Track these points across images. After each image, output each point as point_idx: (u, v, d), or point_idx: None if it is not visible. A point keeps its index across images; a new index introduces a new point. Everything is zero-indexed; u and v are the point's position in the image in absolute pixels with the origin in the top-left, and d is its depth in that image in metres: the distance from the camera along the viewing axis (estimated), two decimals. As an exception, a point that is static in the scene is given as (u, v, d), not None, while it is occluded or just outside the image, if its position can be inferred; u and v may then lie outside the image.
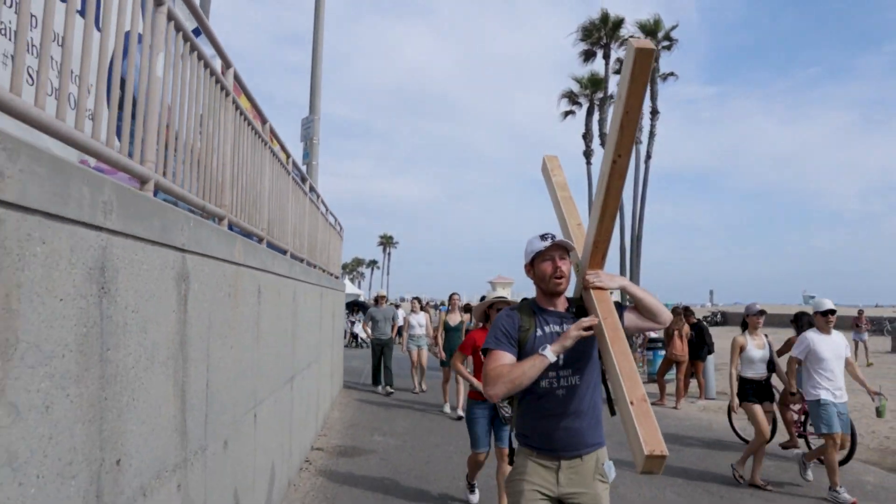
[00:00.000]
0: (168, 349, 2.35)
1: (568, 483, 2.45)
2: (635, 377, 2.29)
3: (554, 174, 3.07)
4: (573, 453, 2.46)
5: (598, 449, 2.52)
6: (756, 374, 5.91)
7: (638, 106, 2.13)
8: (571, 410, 2.46)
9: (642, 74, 2.06)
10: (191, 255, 2.58)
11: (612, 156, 2.28)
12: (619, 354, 2.33)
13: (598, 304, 2.47)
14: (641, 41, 2.03)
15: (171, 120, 2.55)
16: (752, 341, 5.95)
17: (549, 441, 2.47)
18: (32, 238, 1.46)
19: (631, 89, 2.08)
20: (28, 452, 1.46)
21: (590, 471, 2.47)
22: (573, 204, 2.99)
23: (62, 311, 1.60)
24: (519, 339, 2.47)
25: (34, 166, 1.44)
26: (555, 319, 2.52)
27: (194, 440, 2.70)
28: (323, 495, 5.24)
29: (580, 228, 2.84)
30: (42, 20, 1.64)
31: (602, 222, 2.42)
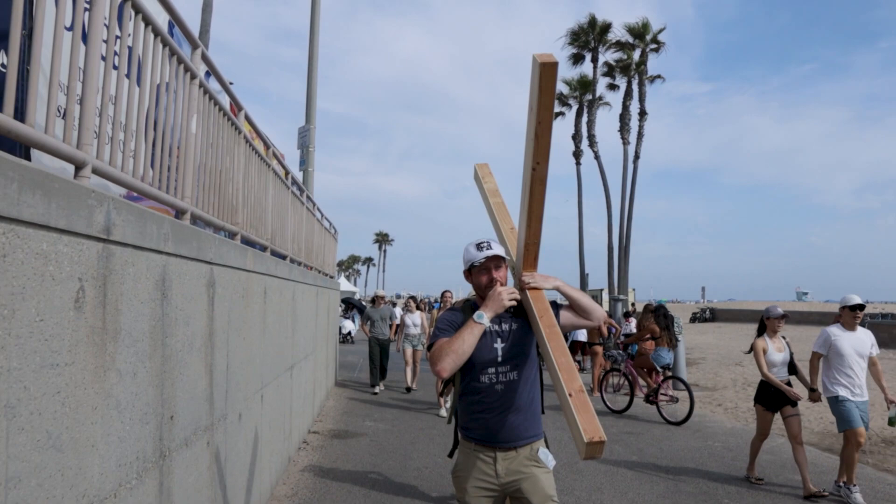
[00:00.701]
0: (201, 338, 3.12)
1: (506, 473, 2.57)
2: (573, 371, 2.39)
3: (485, 181, 3.15)
4: (509, 445, 2.58)
5: (534, 441, 2.63)
6: (777, 376, 5.81)
7: (549, 115, 2.20)
8: (510, 405, 2.57)
9: (549, 87, 2.12)
10: (216, 266, 3.35)
11: (531, 163, 2.34)
12: (555, 350, 2.44)
13: (534, 303, 2.61)
14: (545, 55, 2.09)
15: (201, 162, 3.32)
16: (771, 344, 5.86)
17: (488, 433, 2.58)
18: (127, 263, 2.22)
19: (540, 101, 2.14)
20: (126, 402, 2.23)
21: (523, 458, 2.59)
22: (505, 209, 3.08)
23: (141, 310, 2.36)
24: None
25: (128, 216, 2.21)
26: (494, 319, 2.62)
27: (218, 410, 3.47)
28: (319, 469, 6.02)
29: (513, 232, 2.91)
30: (122, 103, 2.40)
31: (530, 227, 2.51)
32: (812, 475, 5.94)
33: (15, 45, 1.69)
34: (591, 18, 29.56)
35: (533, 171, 2.35)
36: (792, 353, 5.95)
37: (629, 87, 31.42)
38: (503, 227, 2.97)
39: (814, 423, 8.78)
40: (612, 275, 29.30)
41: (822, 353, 5.59)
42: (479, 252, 2.61)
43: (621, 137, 31.13)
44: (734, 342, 25.39)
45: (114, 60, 2.29)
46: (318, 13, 12.90)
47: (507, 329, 2.65)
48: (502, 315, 2.63)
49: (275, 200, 5.60)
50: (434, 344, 2.54)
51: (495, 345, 2.61)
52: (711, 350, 21.52)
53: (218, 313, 3.41)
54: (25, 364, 1.61)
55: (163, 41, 2.70)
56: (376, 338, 11.30)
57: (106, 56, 2.22)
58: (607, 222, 30.17)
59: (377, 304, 11.79)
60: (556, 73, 2.12)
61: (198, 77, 3.17)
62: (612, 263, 29.60)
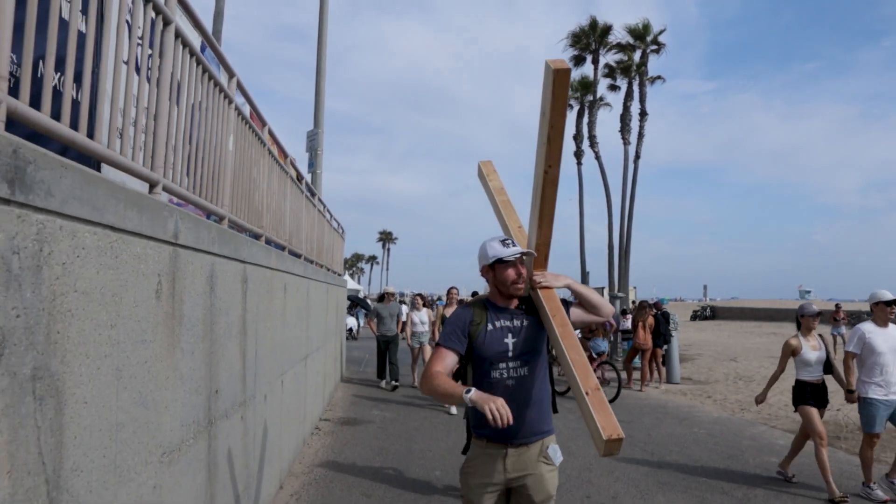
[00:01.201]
0: (237, 326, 3.64)
1: (513, 468, 2.58)
2: (587, 369, 2.40)
3: (490, 179, 3.15)
4: (520, 441, 2.59)
5: (545, 437, 2.65)
6: (812, 376, 5.63)
7: (561, 120, 2.24)
8: (520, 400, 2.57)
9: (561, 92, 2.16)
10: (248, 265, 3.87)
11: (543, 167, 2.38)
12: (570, 348, 2.44)
13: (546, 301, 2.63)
14: (558, 61, 2.13)
15: (235, 174, 3.84)
16: (806, 343, 5.69)
17: (500, 430, 2.44)
18: (188, 262, 2.74)
19: (553, 106, 2.19)
20: (187, 375, 2.75)
21: (534, 455, 2.60)
22: (512, 207, 3.08)
23: (197, 301, 2.88)
24: (470, 333, 2.63)
25: (189, 223, 2.73)
26: (506, 316, 2.67)
27: (249, 389, 3.99)
28: (330, 450, 6.55)
29: (521, 231, 2.92)
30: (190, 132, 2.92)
31: (541, 228, 2.56)
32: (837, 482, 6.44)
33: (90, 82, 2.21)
34: (591, 21, 30.02)
35: (545, 174, 2.41)
36: (828, 351, 5.73)
37: (630, 88, 31.82)
38: (511, 225, 2.96)
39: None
40: (612, 273, 29.76)
41: (856, 353, 5.44)
42: (507, 248, 2.63)
43: (622, 138, 31.55)
44: (732, 339, 25.86)
45: (176, 99, 2.81)
46: (326, 22, 13.41)
47: (519, 325, 2.66)
48: (514, 312, 2.69)
49: (292, 204, 6.12)
50: (436, 353, 2.60)
51: (506, 340, 2.62)
52: (709, 347, 21.98)
53: (249, 305, 3.93)
54: (127, 339, 2.13)
55: (212, 80, 3.21)
56: (384, 335, 11.28)
57: (170, 97, 2.74)
58: (608, 221, 30.62)
59: (386, 300, 11.68)
60: (569, 79, 2.17)
61: (234, 102, 3.69)
62: (613, 262, 30.04)
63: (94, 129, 2.09)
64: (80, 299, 1.78)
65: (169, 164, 2.76)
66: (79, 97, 2.02)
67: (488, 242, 2.71)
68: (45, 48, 1.79)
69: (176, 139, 2.87)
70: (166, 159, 2.72)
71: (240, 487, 3.75)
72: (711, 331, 32.46)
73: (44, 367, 1.60)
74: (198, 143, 3.21)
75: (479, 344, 2.60)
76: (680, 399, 10.80)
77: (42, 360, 1.59)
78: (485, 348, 2.59)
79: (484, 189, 3.18)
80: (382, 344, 11.35)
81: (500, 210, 3.03)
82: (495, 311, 2.69)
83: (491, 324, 2.64)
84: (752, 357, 17.57)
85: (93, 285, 1.86)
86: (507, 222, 2.97)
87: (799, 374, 5.75)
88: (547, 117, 2.24)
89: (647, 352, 12.00)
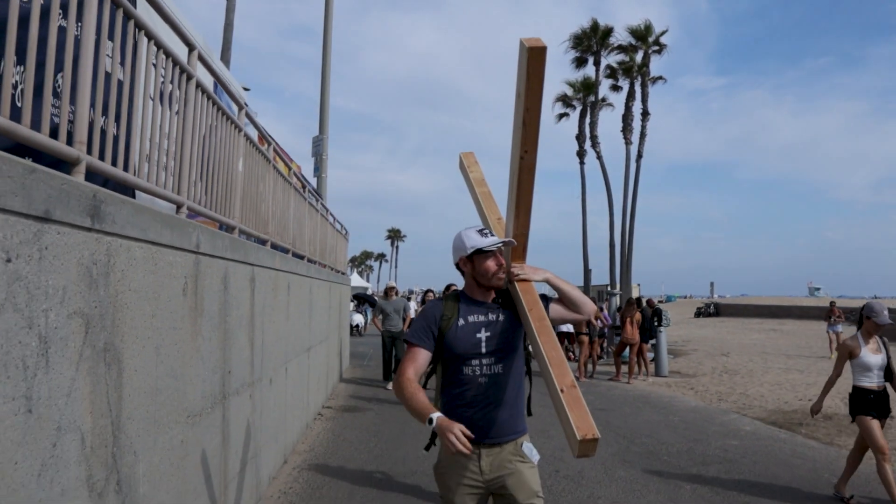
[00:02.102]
0: (246, 319, 4.34)
1: (490, 469, 2.48)
2: (564, 366, 2.32)
3: (471, 170, 3.09)
4: (493, 441, 2.49)
5: (518, 437, 2.54)
6: (873, 383, 5.07)
7: (537, 103, 2.13)
8: (493, 399, 2.48)
9: (537, 72, 2.05)
10: (256, 267, 4.56)
11: (519, 152, 2.28)
12: (546, 344, 2.37)
13: (523, 295, 2.54)
14: (532, 39, 2.01)
15: (244, 190, 4.53)
16: (866, 345, 5.11)
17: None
18: (208, 266, 3.43)
19: (528, 87, 2.08)
20: (206, 356, 3.44)
21: (507, 453, 2.50)
22: (492, 199, 3.01)
23: (214, 297, 3.57)
24: (440, 327, 2.52)
25: (208, 235, 3.41)
26: (481, 310, 2.57)
27: (256, 373, 4.69)
28: (331, 433, 7.26)
29: (500, 223, 2.84)
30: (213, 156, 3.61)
31: (518, 217, 2.48)
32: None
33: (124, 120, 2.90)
34: (593, 23, 30.57)
35: (521, 160, 2.30)
36: (890, 357, 5.15)
37: (632, 89, 32.34)
38: (490, 217, 2.90)
39: (768, 401, 9.88)
40: (613, 270, 30.36)
41: None
42: (486, 238, 2.54)
43: (624, 137, 32.09)
44: (731, 336, 26.38)
45: (194, 130, 3.50)
46: (331, 31, 14.11)
47: (494, 319, 2.54)
48: (490, 306, 2.58)
49: (295, 212, 6.82)
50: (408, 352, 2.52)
51: (479, 335, 2.51)
52: (705, 342, 22.56)
53: (257, 301, 4.63)
54: (163, 325, 2.81)
55: (225, 115, 3.91)
56: (389, 331, 10.97)
57: (194, 128, 3.43)
58: (609, 220, 31.20)
59: (389, 296, 11.39)
60: (545, 58, 2.03)
61: (243, 130, 4.38)
62: (615, 259, 30.63)
63: (130, 161, 2.78)
64: (132, 296, 2.47)
65: (191, 186, 3.45)
66: (118, 133, 2.70)
67: (464, 232, 2.60)
68: (94, 98, 2.47)
69: (195, 164, 3.56)
70: (189, 183, 3.41)
71: (248, 455, 4.45)
72: (713, 327, 32.97)
73: (110, 343, 2.28)
74: (212, 165, 3.89)
75: (451, 339, 2.50)
76: (663, 390, 11.43)
77: (109, 338, 2.27)
78: (456, 343, 2.49)
79: (465, 180, 3.13)
80: (388, 341, 11.02)
81: (479, 201, 2.99)
82: (469, 305, 2.58)
83: (463, 318, 2.53)
84: (744, 353, 18.14)
85: (140, 286, 2.55)
86: (486, 214, 2.92)
87: (857, 380, 5.14)
88: (522, 99, 2.13)
89: (635, 346, 12.63)
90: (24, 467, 1.77)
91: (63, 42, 2.31)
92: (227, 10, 15.49)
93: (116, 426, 2.34)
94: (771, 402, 9.97)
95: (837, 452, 6.78)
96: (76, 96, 2.27)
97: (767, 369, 14.01)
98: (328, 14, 14.27)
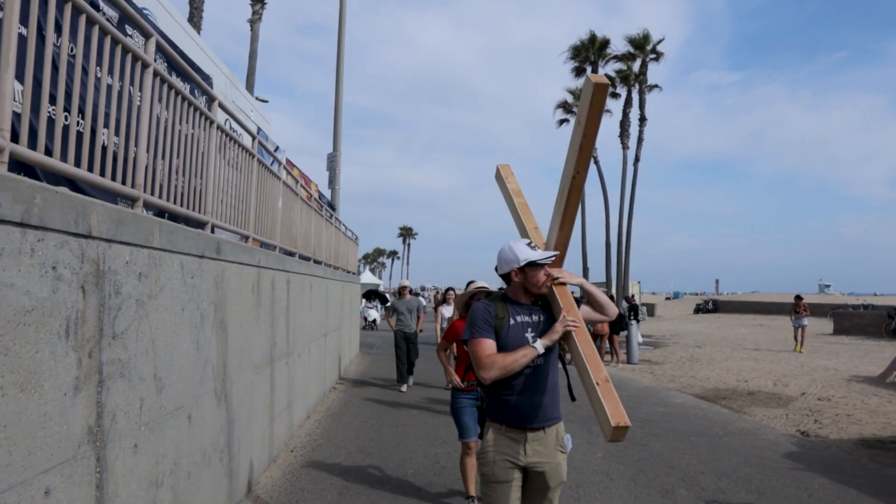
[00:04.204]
0: (284, 309, 6.31)
1: (533, 454, 2.76)
2: (598, 362, 2.55)
3: (508, 181, 3.25)
4: (537, 425, 2.76)
5: (557, 423, 2.84)
6: None
7: (594, 131, 2.37)
8: (536, 387, 2.75)
9: (598, 105, 2.31)
10: (290, 273, 6.54)
11: (572, 172, 2.51)
12: (582, 343, 2.58)
13: (561, 298, 2.77)
14: (598, 77, 2.29)
15: (283, 221, 6.51)
16: None
17: (517, 414, 2.75)
18: (263, 274, 5.40)
19: (589, 116, 2.34)
20: (262, 333, 5.41)
21: (552, 442, 2.80)
22: (528, 209, 3.18)
23: (265, 294, 5.53)
24: (495, 326, 2.77)
25: (263, 255, 5.38)
26: (525, 310, 2.85)
27: (290, 347, 6.66)
28: (343, 399, 9.26)
29: (537, 231, 3.04)
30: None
31: (562, 228, 2.69)
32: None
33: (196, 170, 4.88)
34: (591, 35, 32.33)
35: (573, 179, 2.55)
36: None
37: (629, 96, 34.09)
38: (528, 226, 3.09)
39: (713, 381, 11.72)
40: (609, 269, 32.18)
41: None
42: (536, 252, 2.81)
43: (621, 142, 33.84)
44: (719, 330, 28.07)
45: (256, 185, 5.46)
46: (343, 57, 16.06)
47: (537, 320, 2.84)
48: (532, 308, 2.88)
49: (315, 228, 8.81)
50: (477, 344, 2.73)
51: (527, 334, 2.79)
52: (690, 336, 24.27)
53: (291, 298, 6.60)
54: (243, 310, 4.77)
55: (271, 173, 5.90)
56: (402, 331, 10.51)
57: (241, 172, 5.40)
58: (605, 222, 32.96)
59: (402, 295, 11.08)
60: (606, 93, 2.33)
61: (282, 179, 6.35)
62: (610, 259, 32.44)
63: (204, 207, 4.72)
64: (232, 294, 4.43)
65: (252, 222, 5.41)
66: (199, 186, 4.64)
67: (514, 245, 2.86)
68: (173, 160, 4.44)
69: (253, 207, 5.53)
70: (253, 219, 5.37)
71: (285, 404, 6.44)
72: (706, 323, 34.60)
73: (223, 319, 4.24)
74: (263, 206, 5.86)
75: (504, 338, 2.76)
76: (627, 374, 13.29)
77: (223, 316, 4.24)
78: (508, 341, 2.75)
79: (501, 191, 3.31)
80: (401, 342, 10.48)
81: (517, 212, 3.16)
82: (515, 307, 2.87)
83: (513, 318, 2.81)
84: (720, 345, 19.89)
85: (235, 288, 4.51)
86: (524, 223, 3.10)
87: None
88: (581, 126, 2.40)
89: (605, 337, 14.54)
90: (196, 372, 3.74)
91: (198, 157, 4.26)
92: (251, 39, 17.51)
93: (224, 365, 4.31)
94: (712, 383, 11.81)
95: (739, 417, 8.65)
96: (206, 184, 4.23)
97: (728, 358, 15.81)
98: (340, 41, 16.21)
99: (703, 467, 6.04)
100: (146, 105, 3.30)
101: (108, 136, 3.08)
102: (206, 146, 4.27)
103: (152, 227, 3.07)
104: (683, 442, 7.10)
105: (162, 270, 3.20)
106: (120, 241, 2.73)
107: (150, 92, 3.32)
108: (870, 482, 5.62)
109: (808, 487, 5.46)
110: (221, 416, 4.23)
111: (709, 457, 6.44)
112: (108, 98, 3.04)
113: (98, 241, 2.55)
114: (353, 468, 5.81)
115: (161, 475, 3.21)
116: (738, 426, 8.04)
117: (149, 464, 3.06)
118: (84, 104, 2.81)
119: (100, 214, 2.55)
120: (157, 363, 3.14)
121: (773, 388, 10.97)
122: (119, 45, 2.96)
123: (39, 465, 2.16)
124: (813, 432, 7.67)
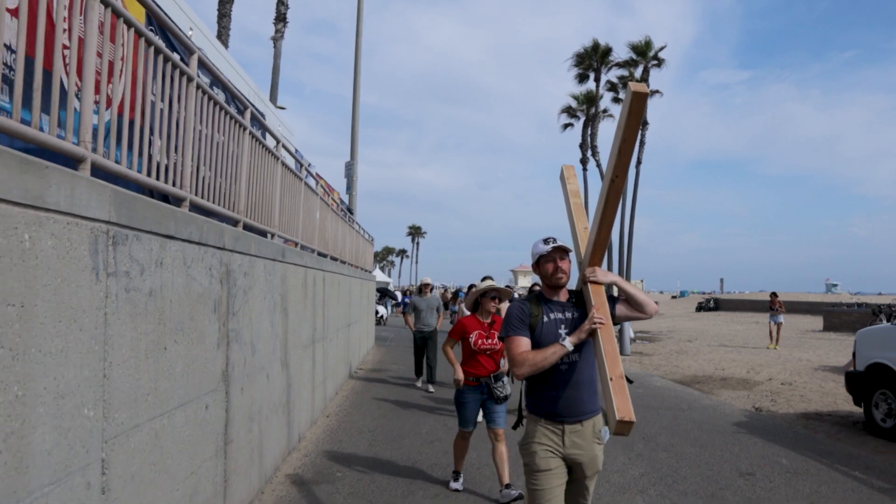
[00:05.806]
0: (321, 301, 7.73)
1: (572, 445, 2.88)
2: (616, 358, 2.70)
3: (569, 182, 3.38)
4: (574, 419, 2.88)
5: (595, 415, 2.94)
6: None
7: (633, 136, 2.51)
8: (572, 382, 2.87)
9: (638, 112, 2.44)
10: (327, 272, 7.96)
11: (610, 175, 2.68)
12: (605, 339, 2.75)
13: (594, 296, 2.90)
14: (638, 85, 2.42)
15: (320, 227, 7.93)
16: None
17: (554, 408, 2.88)
18: (310, 273, 6.81)
19: (628, 122, 2.47)
20: (307, 318, 6.84)
21: (589, 435, 2.91)
22: (583, 209, 3.32)
23: (311, 288, 6.95)
24: (530, 324, 2.91)
25: (310, 258, 6.79)
26: (558, 308, 2.96)
27: (326, 332, 8.08)
28: (362, 386, 10.68)
29: (586, 231, 3.16)
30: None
31: (601, 230, 2.86)
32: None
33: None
34: (594, 43, 33.67)
35: (611, 183, 2.68)
36: None
37: (630, 101, 35.34)
38: (578, 225, 3.22)
39: (690, 371, 13.05)
40: (610, 268, 33.49)
41: None
42: (545, 245, 2.94)
43: (623, 146, 35.09)
44: (715, 327, 29.23)
45: (304, 202, 6.87)
46: (360, 61, 17.45)
47: (570, 316, 2.93)
48: (565, 305, 2.98)
49: (341, 233, 10.24)
50: (512, 342, 2.89)
51: (560, 331, 2.87)
52: (686, 332, 25.52)
53: (327, 292, 8.02)
54: (296, 300, 6.18)
55: (313, 192, 7.34)
56: (421, 331, 10.21)
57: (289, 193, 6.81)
58: (607, 222, 34.24)
59: (424, 292, 10.69)
60: (646, 101, 2.46)
61: (319, 195, 7.77)
62: (612, 259, 33.72)
63: (272, 221, 6.13)
64: (291, 288, 5.84)
65: (300, 231, 6.82)
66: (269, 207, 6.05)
67: (534, 244, 3.01)
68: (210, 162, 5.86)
69: (300, 217, 6.94)
70: (304, 228, 6.77)
71: (322, 378, 7.86)
72: (705, 320, 35.81)
73: (286, 306, 5.65)
74: (307, 217, 7.27)
75: (538, 335, 2.88)
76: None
77: (285, 304, 5.64)
78: (542, 338, 2.86)
79: (563, 190, 3.41)
80: (419, 340, 10.25)
81: (571, 211, 3.29)
82: (549, 305, 2.97)
83: (546, 316, 2.92)
84: (709, 340, 21.17)
85: (292, 283, 5.92)
86: (575, 222, 3.25)
87: None
88: (621, 131, 2.52)
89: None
90: (271, 344, 5.16)
91: (272, 186, 5.67)
92: (274, 56, 18.96)
93: (286, 341, 5.73)
94: (692, 371, 13.13)
95: (706, 396, 10.00)
96: (273, 204, 5.64)
97: (712, 351, 17.12)
98: (357, 53, 17.56)
99: (662, 430, 7.41)
100: (245, 154, 4.71)
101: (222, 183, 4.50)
102: (273, 176, 5.68)
103: (250, 240, 4.49)
104: (652, 413, 8.45)
105: (255, 270, 4.62)
106: (237, 250, 4.15)
107: (247, 147, 4.73)
108: (796, 441, 6.97)
109: (742, 443, 6.82)
110: (284, 379, 5.65)
111: (670, 424, 7.80)
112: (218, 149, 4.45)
113: (228, 251, 3.96)
114: (377, 428, 7.23)
115: (254, 413, 4.62)
116: (703, 403, 9.40)
117: (247, 403, 4.47)
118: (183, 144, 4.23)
119: (229, 234, 3.97)
120: (252, 335, 4.55)
121: (745, 375, 12.28)
122: (228, 116, 4.38)
123: (203, 389, 3.57)
124: (766, 409, 9.00)
